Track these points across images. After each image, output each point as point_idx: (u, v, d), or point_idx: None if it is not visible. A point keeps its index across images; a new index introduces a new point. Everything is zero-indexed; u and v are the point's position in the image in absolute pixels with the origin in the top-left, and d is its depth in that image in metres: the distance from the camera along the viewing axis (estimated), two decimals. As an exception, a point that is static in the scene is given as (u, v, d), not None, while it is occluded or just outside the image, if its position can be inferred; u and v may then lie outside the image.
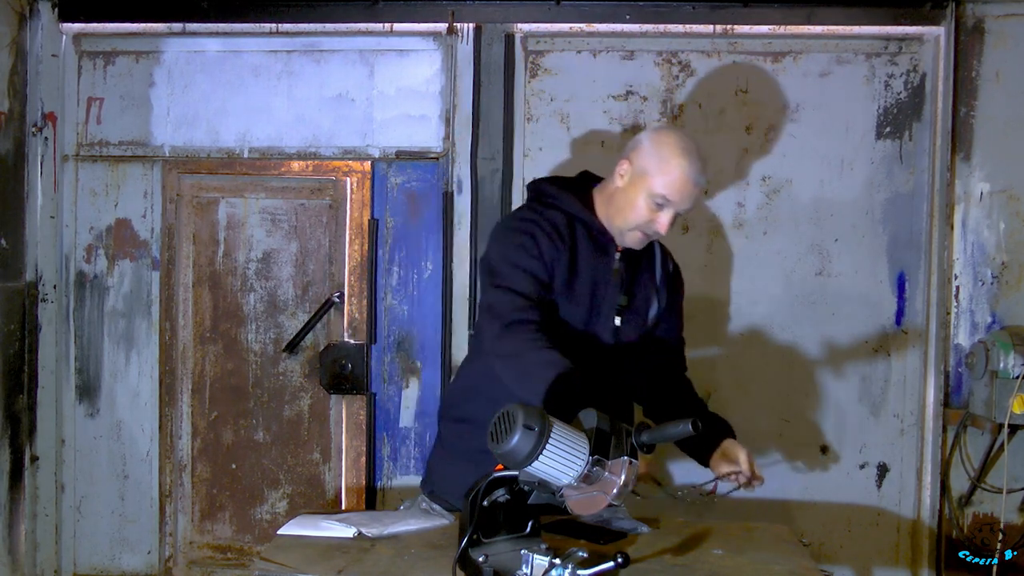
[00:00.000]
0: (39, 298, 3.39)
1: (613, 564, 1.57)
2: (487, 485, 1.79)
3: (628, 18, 3.24)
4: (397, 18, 3.28)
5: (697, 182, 2.20)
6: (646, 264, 2.36)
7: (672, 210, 2.19)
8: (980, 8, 3.16)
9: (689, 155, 2.19)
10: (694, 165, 2.19)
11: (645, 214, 2.20)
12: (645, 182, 2.19)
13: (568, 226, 2.25)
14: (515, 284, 2.12)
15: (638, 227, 2.22)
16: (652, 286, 2.35)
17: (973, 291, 3.21)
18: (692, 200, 2.21)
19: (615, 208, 2.25)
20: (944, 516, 3.19)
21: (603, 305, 2.25)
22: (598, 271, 2.25)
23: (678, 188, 2.17)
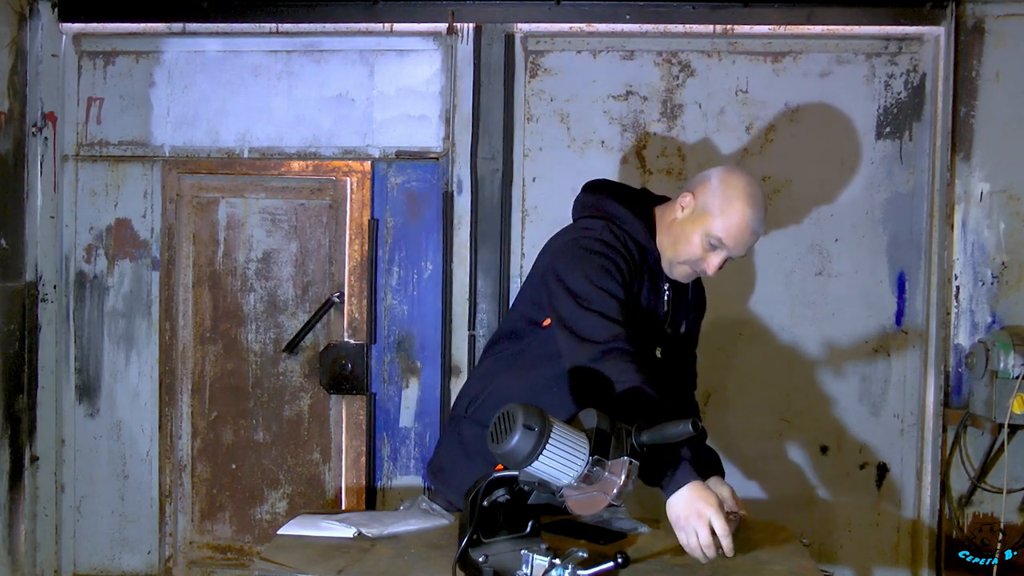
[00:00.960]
0: (39, 298, 3.39)
1: (613, 564, 1.56)
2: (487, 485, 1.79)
3: (628, 18, 3.24)
4: (397, 18, 3.28)
5: (756, 231, 2.14)
6: (684, 295, 2.35)
7: (725, 253, 2.15)
8: (980, 8, 3.16)
9: (754, 202, 2.14)
10: (757, 214, 2.14)
11: (699, 252, 2.16)
12: (704, 221, 2.14)
13: (640, 256, 2.19)
14: (607, 310, 2.04)
15: (688, 263, 2.18)
16: (686, 315, 2.35)
17: (973, 291, 3.21)
18: (747, 248, 2.17)
19: (671, 239, 2.20)
20: (944, 516, 3.19)
21: (651, 335, 2.22)
22: (651, 303, 2.22)
23: (736, 234, 2.12)
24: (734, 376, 3.27)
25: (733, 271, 3.25)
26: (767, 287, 3.26)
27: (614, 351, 1.99)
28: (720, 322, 3.27)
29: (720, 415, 3.27)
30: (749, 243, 2.16)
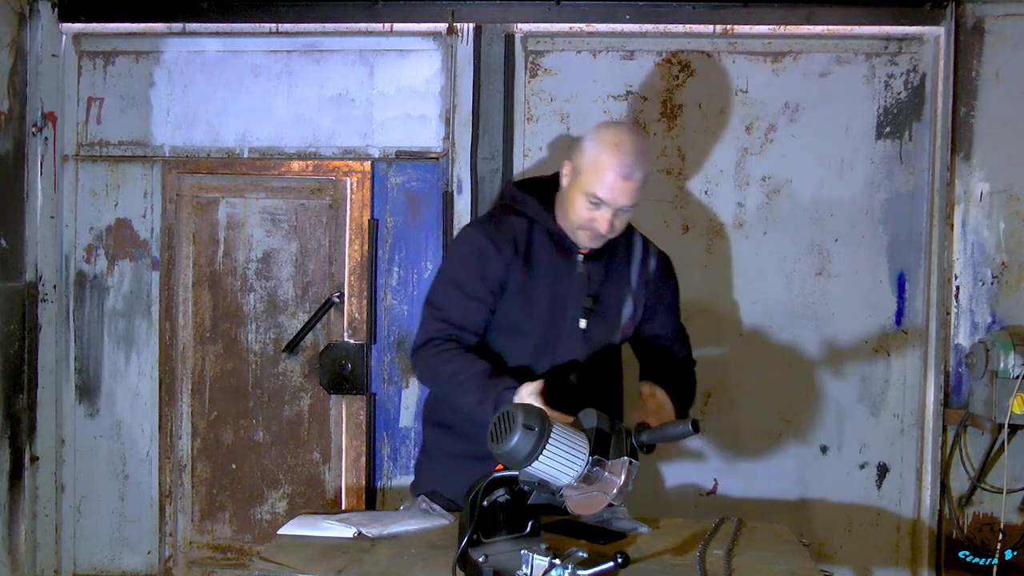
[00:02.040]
0: (39, 298, 3.39)
1: (613, 564, 1.57)
2: (487, 485, 1.79)
3: (628, 18, 3.24)
4: (397, 18, 3.28)
5: (628, 177, 2.13)
6: (622, 263, 2.34)
7: (609, 209, 2.16)
8: (980, 8, 3.16)
9: (620, 150, 2.13)
10: (625, 160, 2.13)
11: (585, 214, 2.18)
12: (580, 182, 2.18)
13: (527, 231, 2.26)
14: (441, 302, 2.24)
15: (582, 227, 2.21)
16: (627, 286, 2.33)
17: (973, 291, 3.21)
18: (629, 196, 2.15)
19: (563, 210, 2.26)
20: (944, 516, 3.19)
21: (567, 307, 2.25)
22: (559, 274, 2.25)
23: (609, 186, 2.13)
24: (734, 376, 3.27)
25: (733, 271, 3.26)
26: (767, 287, 3.26)
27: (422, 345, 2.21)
28: (720, 322, 3.28)
29: (720, 415, 3.27)
30: (629, 191, 2.15)
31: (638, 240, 2.40)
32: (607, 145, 2.15)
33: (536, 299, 2.23)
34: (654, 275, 2.38)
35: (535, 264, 2.24)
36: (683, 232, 3.28)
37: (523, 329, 2.24)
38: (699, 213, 3.27)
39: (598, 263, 2.29)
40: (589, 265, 2.27)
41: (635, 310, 2.35)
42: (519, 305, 2.23)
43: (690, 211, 3.28)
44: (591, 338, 2.27)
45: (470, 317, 2.22)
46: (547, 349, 2.24)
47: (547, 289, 2.24)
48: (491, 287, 2.22)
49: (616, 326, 2.32)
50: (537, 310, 2.23)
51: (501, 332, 2.26)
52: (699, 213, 3.27)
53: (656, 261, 2.41)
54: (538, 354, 2.22)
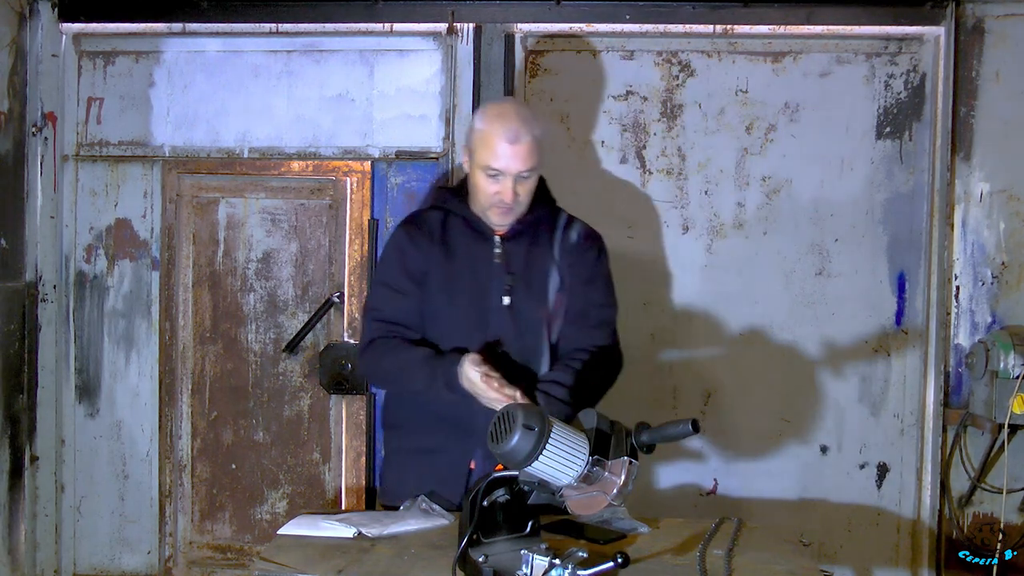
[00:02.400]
0: (39, 298, 3.39)
1: (613, 564, 1.56)
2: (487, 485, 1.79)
3: (628, 18, 3.24)
4: (397, 18, 3.28)
5: (514, 139, 2.23)
6: (544, 240, 2.41)
7: (508, 178, 2.27)
8: (980, 8, 3.16)
9: (501, 117, 2.26)
10: (507, 124, 2.24)
11: (488, 189, 2.29)
12: (476, 160, 2.30)
13: (443, 223, 2.39)
14: (375, 303, 2.38)
15: (491, 205, 2.31)
16: (551, 260, 2.39)
17: (973, 291, 3.21)
18: (523, 160, 2.26)
19: (472, 195, 2.37)
20: (944, 516, 3.19)
21: (490, 287, 2.33)
22: (479, 258, 2.35)
23: (499, 153, 2.24)
24: (734, 376, 3.27)
25: (733, 271, 3.26)
26: (767, 287, 3.26)
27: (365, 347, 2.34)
28: (720, 322, 3.28)
29: (720, 415, 3.27)
30: (520, 155, 2.25)
31: (562, 217, 2.48)
32: (491, 118, 2.29)
33: (458, 283, 2.34)
34: (574, 245, 2.43)
35: (453, 251, 2.36)
36: (683, 232, 3.28)
37: (451, 313, 2.33)
38: (699, 213, 3.27)
39: (517, 243, 2.38)
40: (507, 245, 2.37)
41: (561, 281, 2.39)
42: (443, 291, 2.34)
43: (690, 211, 3.28)
44: (518, 314, 2.33)
45: (402, 311, 2.34)
46: (478, 330, 2.31)
47: (467, 273, 2.34)
48: (414, 278, 2.35)
49: (543, 300, 2.37)
50: (460, 293, 2.33)
51: (434, 320, 2.35)
52: (699, 213, 3.27)
53: (577, 233, 2.46)
54: (470, 335, 2.30)
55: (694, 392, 3.28)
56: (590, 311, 2.41)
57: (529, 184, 2.32)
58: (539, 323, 2.35)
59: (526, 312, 2.34)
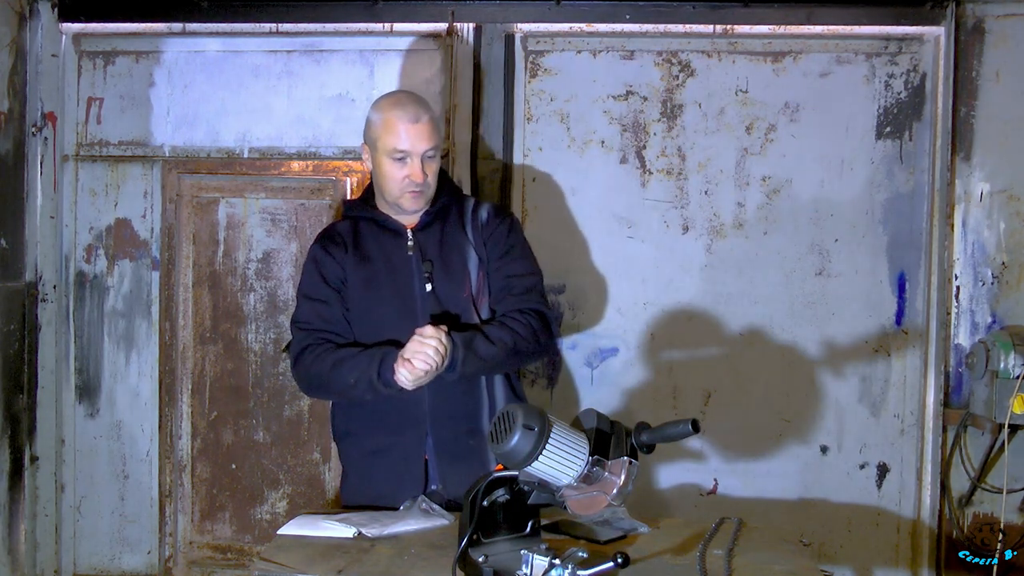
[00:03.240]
0: (39, 298, 3.39)
1: (613, 564, 1.56)
2: (487, 485, 1.79)
3: (628, 18, 3.24)
4: (397, 18, 3.28)
5: (417, 121, 2.33)
6: (455, 225, 2.45)
7: (415, 158, 2.33)
8: (980, 8, 3.16)
9: (397, 104, 2.36)
10: (406, 109, 2.35)
11: (397, 173, 2.35)
12: (380, 148, 2.36)
13: (351, 230, 2.45)
14: (300, 316, 2.40)
15: (402, 191, 2.36)
16: (466, 240, 2.43)
17: (973, 291, 3.21)
18: (427, 139, 2.34)
19: (379, 189, 2.42)
20: (944, 516, 3.19)
21: (411, 279, 2.37)
22: (394, 253, 2.40)
23: (403, 135, 2.33)
24: (734, 376, 3.28)
25: (733, 271, 3.26)
26: (767, 287, 3.26)
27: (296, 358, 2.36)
28: (720, 322, 3.28)
29: (720, 415, 3.27)
30: (424, 133, 2.33)
31: (469, 201, 2.52)
32: (387, 106, 2.38)
33: (379, 281, 2.37)
34: (484, 223, 2.46)
35: (368, 254, 2.41)
36: (683, 232, 3.28)
37: (378, 310, 2.37)
38: (699, 213, 3.27)
39: (429, 232, 2.42)
40: (419, 236, 2.41)
41: (480, 260, 2.42)
42: (365, 292, 2.38)
43: (690, 211, 3.28)
44: (443, 297, 2.37)
45: (326, 317, 2.38)
46: (406, 320, 2.32)
47: (385, 269, 2.38)
48: (334, 285, 2.39)
49: (463, 279, 2.40)
50: (383, 289, 2.37)
51: (362, 321, 2.38)
52: (699, 213, 3.27)
53: (486, 211, 2.49)
54: (400, 326, 2.30)
55: (694, 392, 3.28)
56: (513, 283, 2.41)
57: (434, 165, 2.38)
58: (464, 303, 2.38)
59: (449, 294, 2.37)
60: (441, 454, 2.32)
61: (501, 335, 2.29)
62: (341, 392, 2.32)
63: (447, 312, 2.36)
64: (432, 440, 2.33)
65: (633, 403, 3.28)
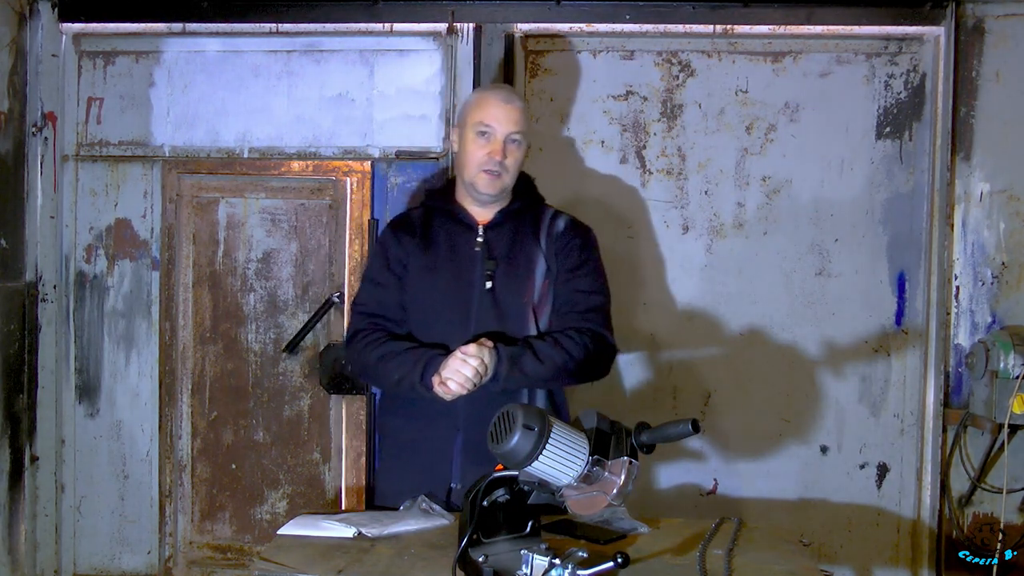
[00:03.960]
0: (39, 298, 3.39)
1: (613, 564, 1.56)
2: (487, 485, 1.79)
3: (628, 18, 3.24)
4: (397, 18, 3.28)
5: (508, 102, 2.39)
6: (529, 229, 2.45)
7: (497, 136, 2.36)
8: (980, 8, 3.16)
9: (493, 86, 2.51)
10: (499, 91, 2.45)
11: (479, 151, 2.37)
12: (465, 126, 2.41)
13: (424, 218, 2.48)
14: (359, 298, 2.46)
15: (479, 168, 2.38)
16: (536, 247, 2.43)
17: (973, 291, 3.21)
18: (513, 122, 2.38)
19: (459, 172, 2.45)
20: (944, 516, 3.19)
21: (473, 273, 2.38)
22: (460, 246, 2.41)
23: (492, 112, 2.37)
24: (734, 376, 3.27)
25: (733, 271, 3.26)
26: (767, 287, 3.26)
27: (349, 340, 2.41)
28: (720, 322, 3.28)
29: (720, 415, 3.27)
30: (512, 115, 2.38)
31: (548, 210, 2.52)
32: (483, 88, 2.51)
33: (439, 271, 2.39)
34: (560, 234, 2.46)
35: (435, 242, 2.43)
36: (683, 232, 3.28)
37: (433, 299, 2.37)
38: (699, 213, 3.27)
39: (500, 231, 2.43)
40: (489, 233, 2.42)
41: (548, 269, 2.41)
42: (424, 279, 2.39)
43: (690, 211, 3.28)
44: (501, 299, 2.36)
45: (385, 304, 2.40)
46: (460, 314, 2.34)
47: (449, 260, 2.40)
48: (396, 271, 2.42)
49: (526, 284, 2.39)
50: (442, 280, 2.38)
51: (417, 308, 2.39)
52: (699, 213, 3.27)
53: (564, 222, 2.49)
54: (452, 320, 2.33)
55: (694, 392, 3.28)
56: (578, 299, 2.40)
57: (517, 153, 2.40)
58: (522, 308, 2.37)
59: (508, 297, 2.36)
60: (468, 454, 2.31)
61: (552, 354, 2.28)
62: (385, 386, 2.39)
63: (502, 313, 2.34)
64: (462, 440, 2.32)
65: (633, 403, 3.28)
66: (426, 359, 2.24)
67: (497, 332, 2.31)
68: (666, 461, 3.28)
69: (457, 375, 2.15)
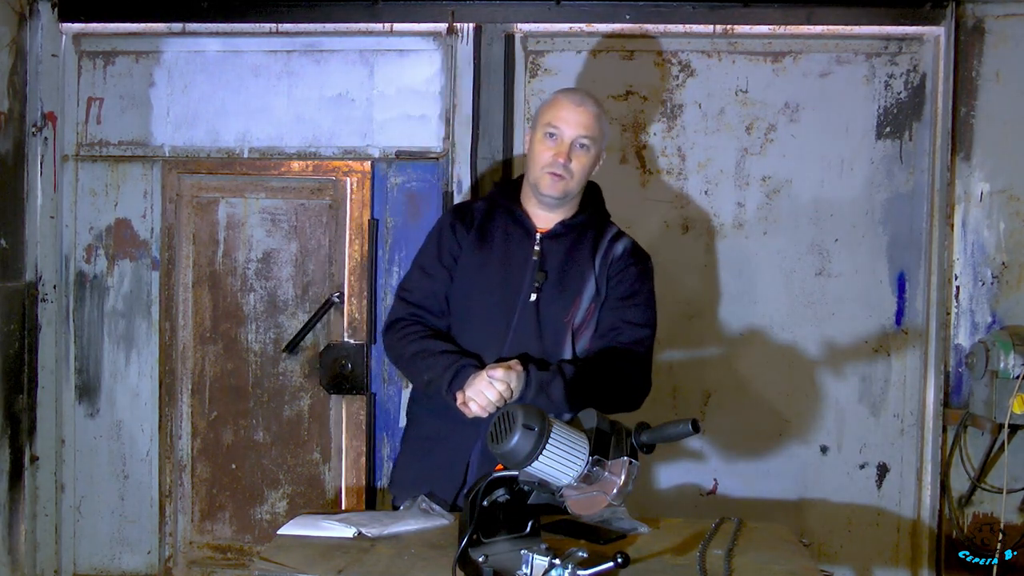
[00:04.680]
0: (39, 298, 3.39)
1: (613, 564, 1.56)
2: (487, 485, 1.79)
3: (628, 18, 3.24)
4: (397, 18, 3.28)
5: (580, 104, 2.32)
6: (587, 247, 2.38)
7: (566, 138, 2.31)
8: (980, 8, 3.16)
9: (569, 90, 2.44)
10: (575, 93, 2.40)
11: (545, 152, 2.31)
12: (538, 124, 2.35)
13: (486, 211, 2.41)
14: (406, 283, 2.41)
15: (544, 168, 2.31)
16: (589, 266, 2.36)
17: (973, 291, 3.21)
18: (582, 125, 2.31)
19: (528, 170, 2.39)
20: (944, 516, 3.19)
21: (521, 282, 2.31)
22: (515, 251, 2.34)
23: (562, 114, 2.31)
24: (734, 376, 3.27)
25: (733, 271, 3.26)
26: (767, 287, 3.26)
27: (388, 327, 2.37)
28: (720, 322, 3.28)
29: (720, 415, 3.27)
30: (582, 119, 2.32)
31: (611, 229, 2.45)
32: (559, 91, 2.43)
33: (489, 272, 2.33)
34: (617, 259, 2.39)
35: (490, 240, 2.36)
36: (683, 232, 3.28)
37: (478, 301, 2.32)
38: (699, 213, 3.27)
39: (558, 242, 2.36)
40: (546, 243, 2.35)
41: (597, 292, 2.35)
42: (472, 278, 2.34)
43: (690, 211, 3.28)
44: (544, 313, 2.30)
45: (427, 291, 2.36)
46: (501, 322, 2.29)
47: (500, 264, 2.33)
48: (446, 262, 2.37)
49: (572, 304, 2.33)
50: (489, 282, 2.32)
51: (459, 307, 2.35)
52: (699, 213, 3.27)
53: (624, 247, 2.42)
54: (493, 326, 2.29)
55: (694, 392, 3.28)
56: (623, 328, 2.33)
57: (584, 158, 2.33)
58: (563, 327, 2.31)
59: (551, 313, 2.30)
60: (485, 458, 2.27)
61: (582, 385, 2.21)
62: (416, 383, 2.37)
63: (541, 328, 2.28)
64: (481, 443, 2.27)
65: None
66: (456, 368, 2.19)
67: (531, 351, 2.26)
68: (666, 461, 3.28)
69: (480, 396, 2.11)
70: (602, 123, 2.37)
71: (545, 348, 2.29)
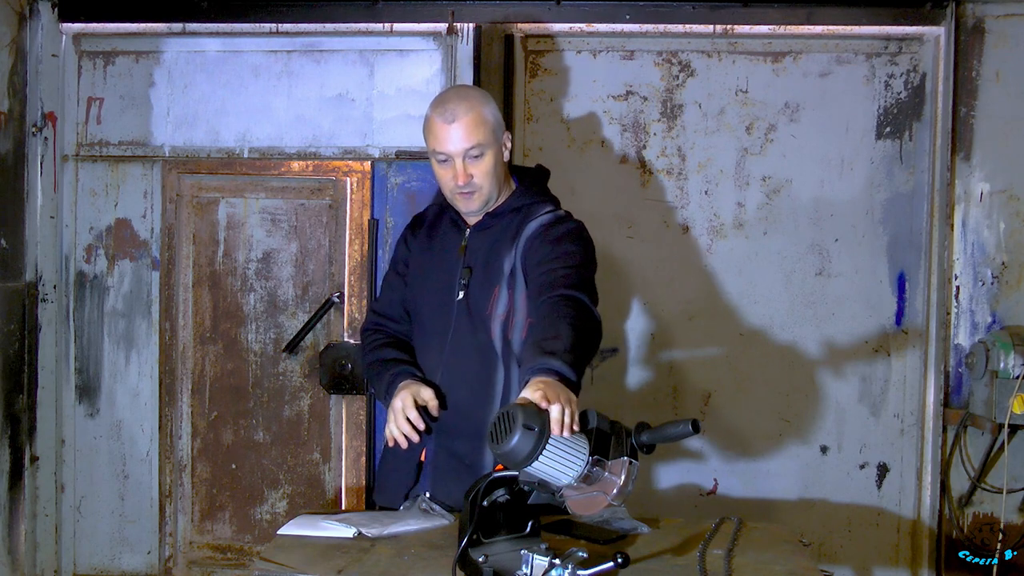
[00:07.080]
0: (39, 298, 3.39)
1: (613, 564, 1.56)
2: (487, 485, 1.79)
3: (628, 18, 3.24)
4: (397, 18, 3.28)
5: (452, 121, 2.16)
6: (508, 232, 2.24)
7: (454, 159, 2.18)
8: (980, 8, 3.16)
9: (439, 104, 2.21)
10: (444, 109, 2.19)
11: (444, 177, 2.23)
12: (429, 151, 2.24)
13: (434, 216, 2.38)
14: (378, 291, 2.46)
15: (451, 192, 2.24)
16: (507, 255, 2.21)
17: (973, 291, 3.21)
18: (464, 138, 2.16)
19: None
20: (944, 516, 3.19)
21: (453, 281, 2.25)
22: (449, 250, 2.30)
23: (440, 137, 2.18)
24: (734, 376, 3.28)
25: (733, 271, 3.26)
26: (767, 287, 3.26)
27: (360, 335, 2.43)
28: (720, 322, 3.28)
29: (720, 415, 3.27)
30: (458, 134, 2.16)
31: (540, 207, 2.26)
32: (433, 105, 2.23)
33: (429, 274, 2.31)
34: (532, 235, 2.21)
35: (433, 244, 2.34)
36: (683, 232, 3.28)
37: (422, 305, 2.31)
38: (699, 213, 3.27)
39: (482, 235, 2.26)
40: (473, 237, 2.27)
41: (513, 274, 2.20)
42: (417, 283, 2.33)
43: (690, 211, 3.28)
44: (474, 309, 2.21)
45: (389, 304, 2.39)
46: (441, 323, 2.26)
47: (438, 265, 2.30)
48: (400, 270, 2.39)
49: (491, 295, 2.20)
50: (431, 285, 2.30)
51: (413, 313, 2.36)
52: (699, 213, 3.27)
53: (538, 222, 2.22)
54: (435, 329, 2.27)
55: (694, 392, 3.28)
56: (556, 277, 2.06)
57: (483, 164, 2.18)
58: (487, 319, 2.20)
59: (478, 307, 2.21)
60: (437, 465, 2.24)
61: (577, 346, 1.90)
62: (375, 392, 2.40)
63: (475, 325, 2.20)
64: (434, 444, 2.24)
65: (633, 403, 3.28)
66: (390, 378, 2.24)
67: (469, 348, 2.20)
68: (666, 461, 3.28)
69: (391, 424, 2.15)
70: (484, 116, 2.18)
71: (479, 344, 2.21)
